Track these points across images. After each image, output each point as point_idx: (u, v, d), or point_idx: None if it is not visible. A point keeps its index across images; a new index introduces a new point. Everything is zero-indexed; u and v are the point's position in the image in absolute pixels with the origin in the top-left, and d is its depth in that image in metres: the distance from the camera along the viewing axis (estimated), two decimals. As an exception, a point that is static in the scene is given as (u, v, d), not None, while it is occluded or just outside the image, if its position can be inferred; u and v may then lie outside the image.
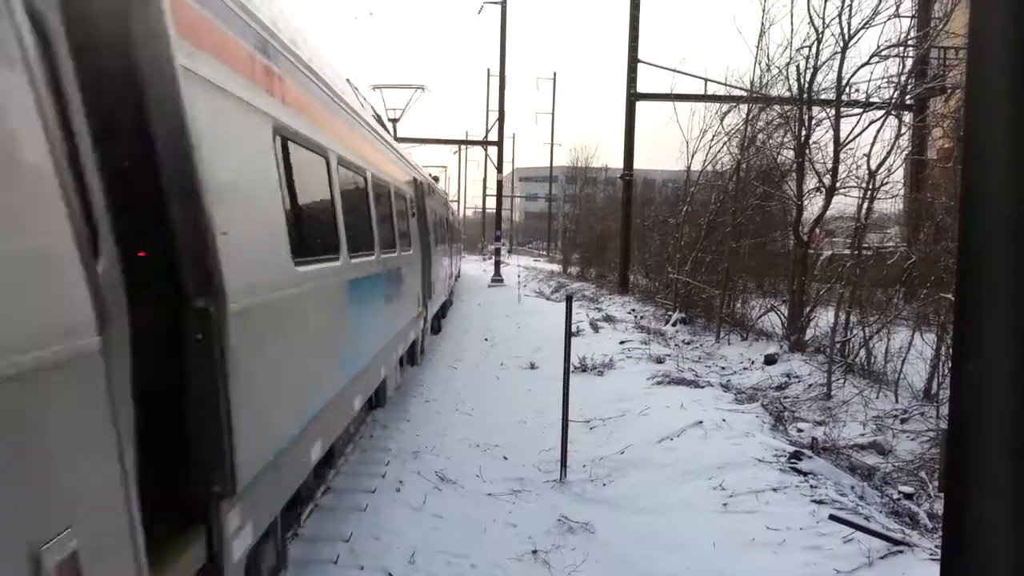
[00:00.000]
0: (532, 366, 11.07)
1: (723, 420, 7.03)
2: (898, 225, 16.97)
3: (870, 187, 12.17)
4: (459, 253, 29.28)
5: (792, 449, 6.18)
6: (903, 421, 8.02)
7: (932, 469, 6.12)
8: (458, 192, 66.63)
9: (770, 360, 11.13)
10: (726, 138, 16.32)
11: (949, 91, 15.50)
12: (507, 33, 29.97)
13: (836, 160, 12.40)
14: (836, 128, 12.44)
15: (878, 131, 12.20)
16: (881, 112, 12.39)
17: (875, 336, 10.47)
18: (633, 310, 18.32)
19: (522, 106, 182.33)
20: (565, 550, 4.74)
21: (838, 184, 12.48)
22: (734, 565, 4.45)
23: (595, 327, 14.53)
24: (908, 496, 5.54)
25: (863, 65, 12.76)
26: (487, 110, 38.77)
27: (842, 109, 12.65)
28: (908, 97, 15.13)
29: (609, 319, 15.90)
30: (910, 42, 13.83)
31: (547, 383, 8.93)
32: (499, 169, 32.12)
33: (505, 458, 6.66)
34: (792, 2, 21.04)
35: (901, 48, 13.51)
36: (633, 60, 21.35)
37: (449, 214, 21.70)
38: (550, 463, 6.34)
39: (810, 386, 9.58)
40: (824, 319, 12.21)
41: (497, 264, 31.71)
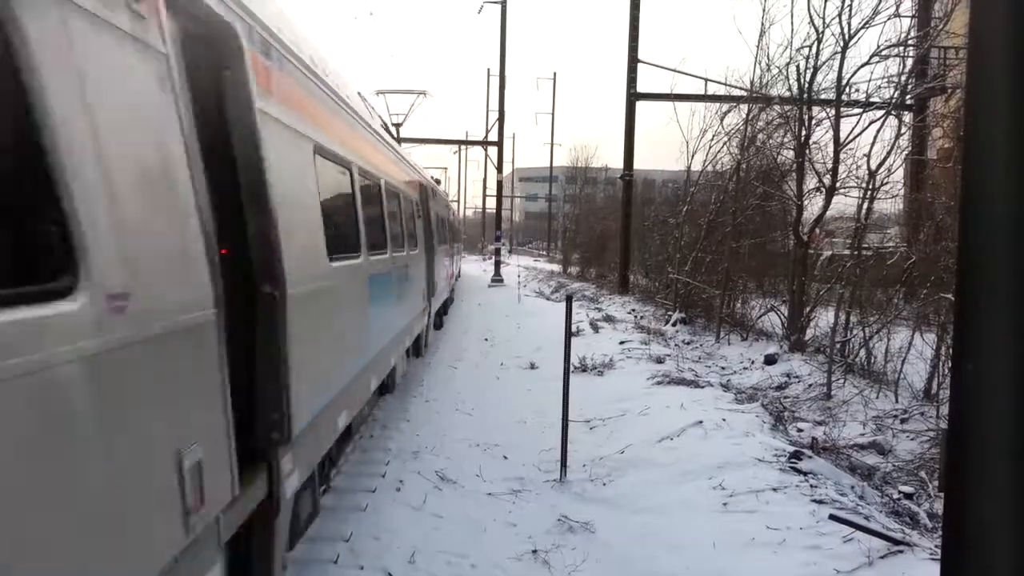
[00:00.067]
0: (532, 366, 11.07)
1: (723, 420, 7.03)
2: (898, 225, 16.97)
3: (870, 187, 12.17)
4: (459, 253, 29.35)
5: (792, 449, 6.18)
6: (903, 421, 8.02)
7: (932, 469, 6.12)
8: (458, 192, 66.73)
9: (770, 360, 11.13)
10: (726, 138, 16.32)
11: (949, 91, 15.50)
12: (507, 33, 30.00)
13: (836, 160, 12.40)
14: (836, 128, 12.44)
15: (878, 131, 12.22)
16: (881, 112, 12.39)
17: (875, 336, 10.47)
18: (633, 310, 18.33)
19: (522, 106, 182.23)
20: (565, 550, 4.75)
21: (838, 184, 12.48)
22: (734, 565, 4.45)
23: (595, 327, 14.54)
24: (908, 496, 5.54)
25: (863, 65, 12.76)
26: (487, 110, 38.79)
27: (842, 109, 12.65)
28: (908, 97, 15.13)
29: (609, 319, 15.90)
30: (910, 42, 13.83)
31: (547, 383, 8.93)
32: (499, 169, 32.14)
33: (505, 458, 6.66)
34: (792, 2, 21.09)
35: (901, 48, 13.51)
36: (633, 60, 21.35)
37: (450, 215, 22.53)
38: (550, 463, 6.34)
39: (810, 386, 9.58)
40: (824, 319, 12.21)
41: (497, 264, 31.71)
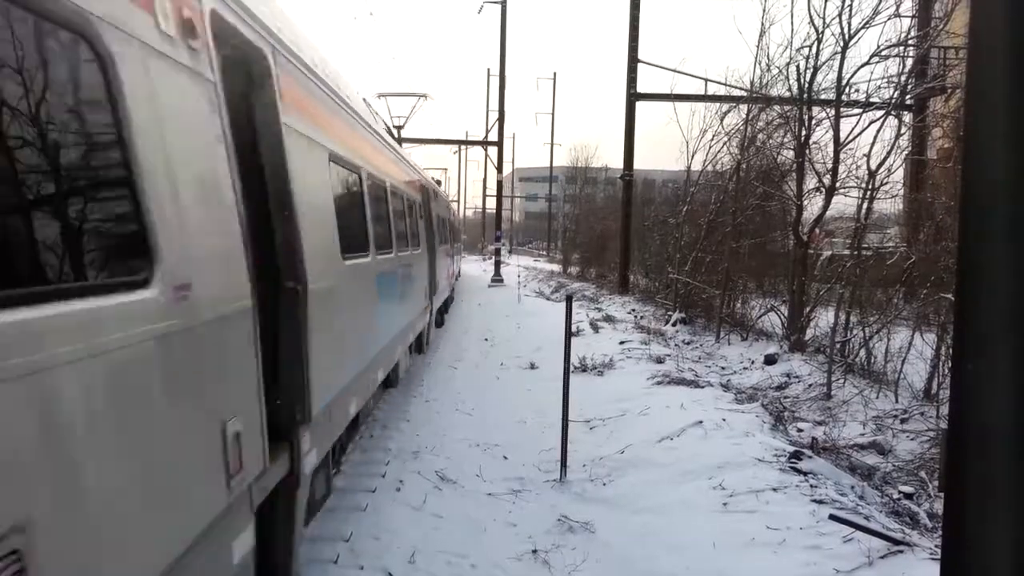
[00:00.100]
0: (532, 366, 11.07)
1: (723, 420, 7.03)
2: (898, 225, 16.97)
3: (870, 187, 12.16)
4: (459, 253, 29.39)
5: (792, 449, 6.18)
6: (903, 421, 8.02)
7: (932, 469, 6.12)
8: (458, 192, 66.72)
9: (770, 360, 11.13)
10: (726, 138, 16.31)
11: (949, 91, 15.50)
12: (507, 33, 30.00)
13: (836, 160, 12.40)
14: (836, 128, 12.44)
15: (878, 131, 12.21)
16: (881, 112, 12.38)
17: (875, 336, 10.47)
18: (633, 310, 18.32)
19: (522, 106, 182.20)
20: (565, 550, 4.75)
21: (838, 184, 12.48)
22: (734, 565, 4.45)
23: (595, 327, 14.53)
24: (908, 496, 5.54)
25: (863, 65, 12.76)
26: (487, 110, 38.79)
27: (842, 109, 12.64)
28: (908, 97, 15.12)
29: (609, 319, 15.90)
30: (910, 42, 13.83)
31: (547, 383, 8.93)
32: (499, 169, 32.14)
33: (505, 458, 6.66)
34: (792, 2, 21.05)
35: (901, 48, 13.50)
36: (633, 60, 21.35)
37: (450, 216, 23.00)
38: (550, 463, 6.34)
39: (810, 386, 9.58)
40: (824, 319, 12.20)
41: (497, 264, 31.71)
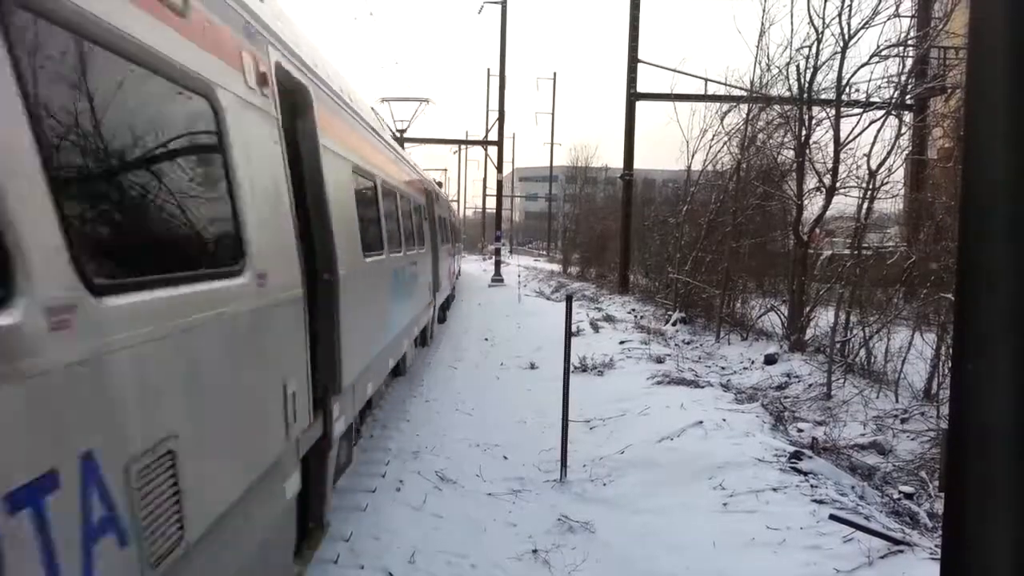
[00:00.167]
0: (532, 366, 11.07)
1: (723, 420, 7.02)
2: (898, 225, 16.97)
3: (870, 187, 12.16)
4: (459, 252, 29.43)
5: (792, 449, 6.18)
6: (903, 421, 8.02)
7: (932, 469, 6.12)
8: (458, 192, 66.74)
9: (770, 360, 11.13)
10: (726, 138, 16.31)
11: (949, 91, 15.49)
12: (507, 33, 30.00)
13: (836, 160, 12.40)
14: (836, 128, 12.43)
15: (878, 131, 12.20)
16: (881, 112, 12.37)
17: (875, 336, 10.46)
18: (633, 310, 18.32)
19: (522, 106, 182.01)
20: (565, 549, 4.75)
21: (838, 184, 12.47)
22: (734, 565, 4.45)
23: (595, 327, 14.53)
24: (908, 496, 5.54)
25: (863, 65, 12.75)
26: (487, 110, 38.79)
27: (842, 109, 12.63)
28: (908, 97, 15.12)
29: (609, 319, 15.90)
30: (910, 42, 13.82)
31: (547, 383, 8.93)
32: (499, 169, 32.13)
33: (505, 458, 6.66)
34: (792, 2, 21.07)
35: (901, 48, 13.50)
36: (633, 60, 21.35)
37: (451, 216, 23.70)
38: (550, 463, 6.34)
39: (810, 386, 9.58)
40: (824, 319, 12.20)
41: (497, 264, 31.72)
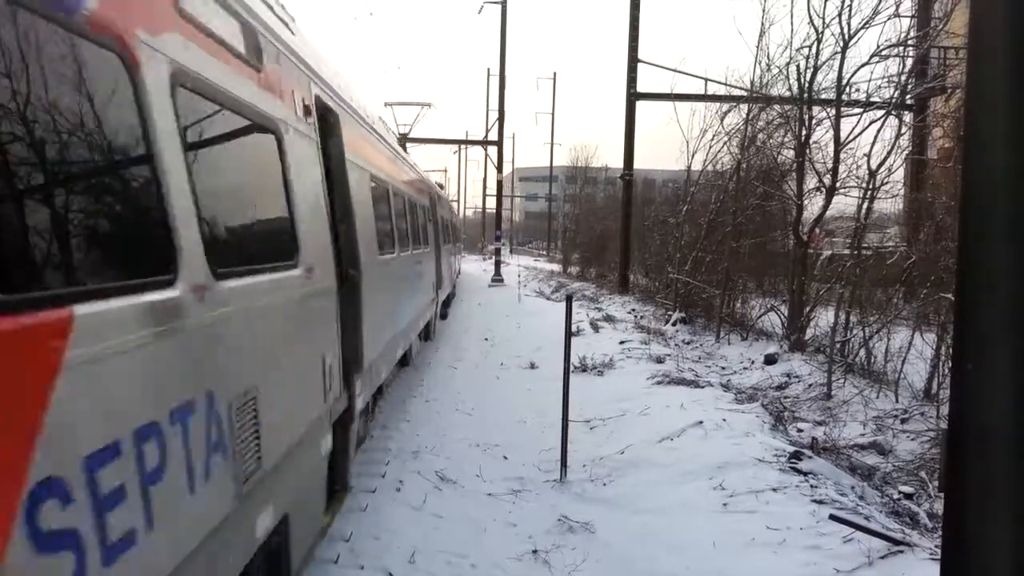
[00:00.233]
0: (532, 366, 11.07)
1: (723, 420, 7.03)
2: (898, 225, 16.96)
3: (870, 187, 12.16)
4: (460, 252, 29.49)
5: (792, 449, 6.18)
6: (903, 421, 8.02)
7: (932, 469, 6.12)
8: (458, 192, 66.80)
9: (770, 360, 11.13)
10: (726, 138, 16.32)
11: (949, 91, 15.49)
12: (507, 33, 30.00)
13: (836, 160, 12.40)
14: (836, 128, 12.43)
15: (878, 131, 12.21)
16: (881, 112, 12.38)
17: (875, 336, 10.47)
18: (633, 310, 18.32)
19: (522, 106, 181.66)
20: (565, 550, 4.75)
21: (838, 184, 12.47)
22: (734, 565, 4.45)
23: (595, 327, 14.53)
24: (908, 496, 5.54)
25: (863, 65, 12.75)
26: (487, 110, 38.75)
27: (842, 109, 12.64)
28: (908, 97, 15.12)
29: (609, 319, 15.90)
30: (910, 42, 13.82)
31: (547, 383, 8.93)
32: (499, 169, 32.12)
33: (505, 458, 6.66)
34: (792, 2, 21.00)
35: (901, 48, 13.50)
36: (633, 60, 21.35)
37: (452, 217, 24.51)
38: (550, 463, 6.34)
39: (810, 386, 9.58)
40: (824, 319, 12.20)
41: (497, 264, 31.71)
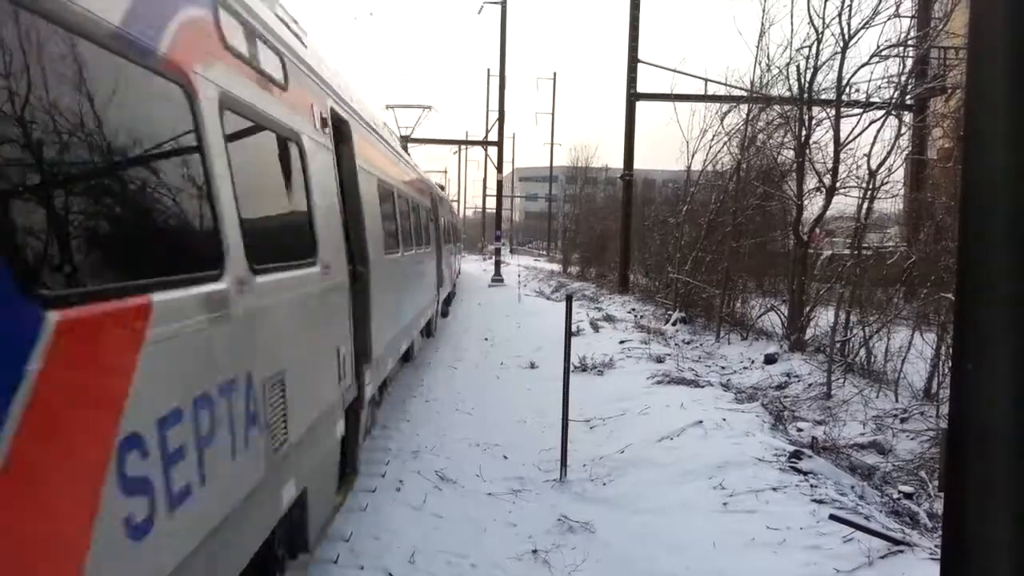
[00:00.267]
0: (532, 365, 11.07)
1: (723, 419, 7.03)
2: (898, 225, 16.96)
3: (870, 187, 12.15)
4: (460, 252, 29.52)
5: (792, 448, 6.18)
6: (903, 420, 8.02)
7: (932, 469, 6.12)
8: (458, 193, 66.81)
9: (770, 359, 11.13)
10: (726, 138, 16.30)
11: (949, 91, 15.50)
12: (507, 33, 29.99)
13: (836, 160, 12.39)
14: (836, 128, 12.42)
15: (878, 131, 12.19)
16: (881, 112, 12.36)
17: (875, 336, 10.46)
18: (633, 309, 18.32)
19: (522, 106, 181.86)
20: (565, 549, 4.75)
21: (838, 184, 12.46)
22: (734, 565, 4.45)
23: (595, 327, 14.53)
24: (908, 496, 5.54)
25: (863, 65, 12.74)
26: (487, 110, 38.77)
27: (842, 109, 12.63)
28: (908, 97, 15.12)
29: (609, 319, 15.90)
30: (910, 42, 13.82)
31: (547, 382, 8.93)
32: (499, 169, 32.12)
33: (505, 457, 6.66)
34: (792, 2, 21.02)
35: (901, 48, 13.49)
36: (633, 60, 21.34)
37: (453, 218, 24.90)
38: (550, 462, 6.34)
39: (810, 385, 9.58)
40: (824, 319, 12.20)
41: (497, 264, 31.71)
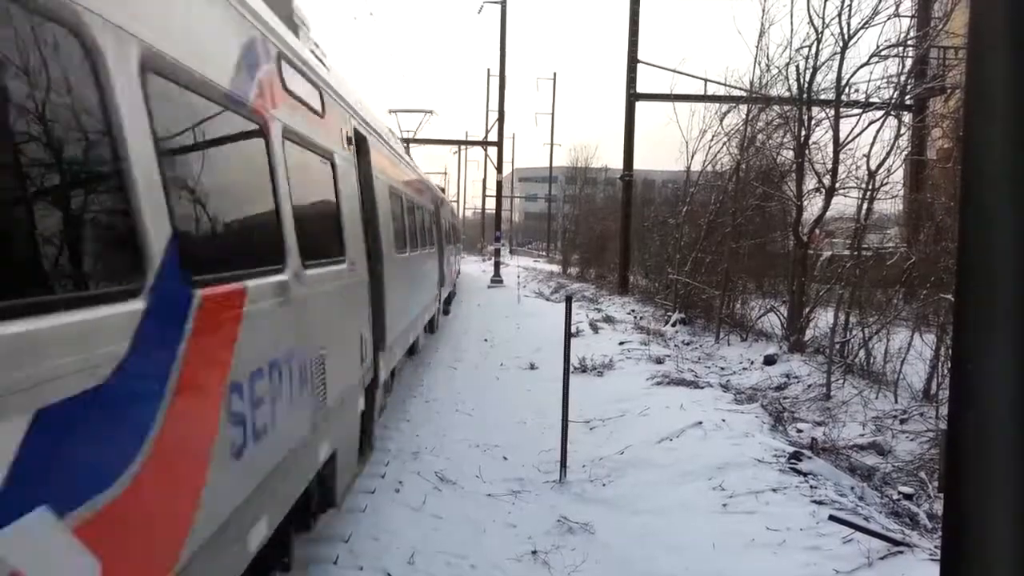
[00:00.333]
0: (532, 366, 11.07)
1: (723, 420, 7.02)
2: (898, 226, 16.97)
3: (870, 187, 12.17)
4: (459, 252, 29.57)
5: (792, 449, 6.18)
6: (902, 421, 8.02)
7: (932, 469, 6.12)
8: (458, 193, 66.78)
9: (770, 361, 11.13)
10: (726, 138, 16.33)
11: (949, 91, 15.50)
12: (507, 33, 30.01)
13: (836, 160, 12.40)
14: (836, 128, 12.44)
15: (878, 131, 12.23)
16: (881, 112, 12.39)
17: (874, 337, 10.47)
18: (633, 311, 18.32)
19: (522, 106, 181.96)
20: (565, 550, 4.74)
21: (838, 184, 12.48)
22: (734, 565, 4.45)
23: (595, 328, 14.53)
24: (908, 496, 5.54)
25: (863, 65, 12.77)
26: (487, 110, 38.73)
27: (842, 109, 12.65)
28: (908, 97, 15.13)
29: (609, 320, 15.90)
30: (910, 42, 13.83)
31: (547, 383, 8.93)
32: (499, 169, 32.14)
33: (505, 458, 6.66)
34: (792, 2, 21.03)
35: (901, 48, 13.51)
36: (633, 60, 21.35)
37: (453, 219, 25.54)
38: (550, 463, 6.34)
39: (809, 386, 9.58)
40: (824, 320, 12.20)
41: (497, 265, 31.71)
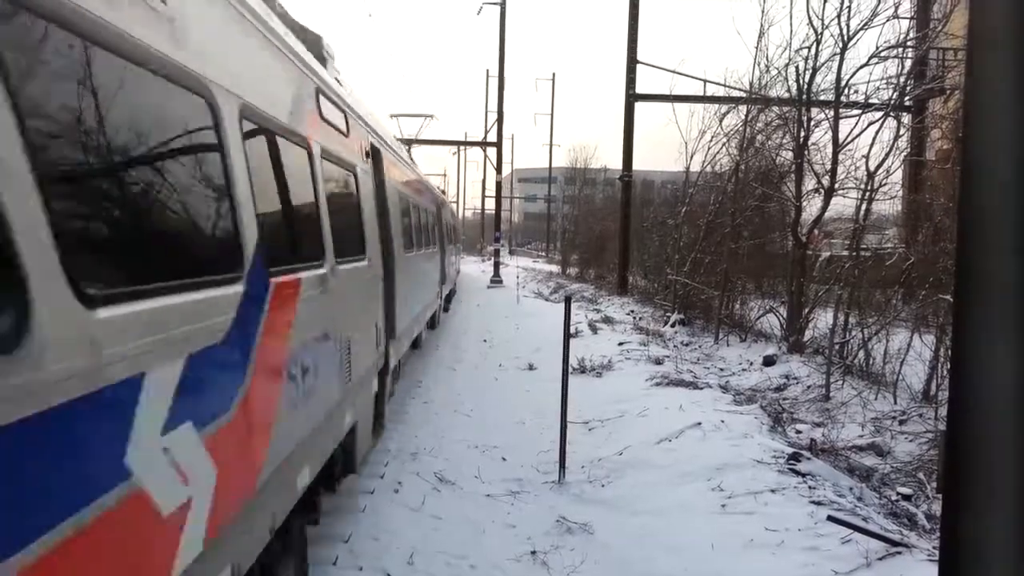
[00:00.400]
0: (531, 367, 11.07)
1: (722, 421, 7.03)
2: (896, 226, 16.98)
3: (869, 188, 12.18)
4: (459, 252, 29.62)
5: (791, 450, 6.18)
6: (901, 422, 8.02)
7: (930, 470, 6.12)
8: (457, 194, 66.72)
9: (769, 361, 11.13)
10: (725, 139, 16.33)
11: (948, 92, 15.52)
12: (506, 34, 30.02)
13: (835, 161, 12.41)
14: (835, 129, 12.45)
15: (877, 132, 12.23)
16: (880, 113, 12.40)
17: (874, 337, 10.47)
18: (632, 311, 18.32)
19: (521, 107, 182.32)
20: (564, 551, 4.75)
21: (837, 185, 12.49)
22: (732, 566, 4.45)
23: (594, 328, 14.53)
24: (906, 497, 5.54)
25: (862, 66, 12.80)
26: (486, 111, 38.82)
27: (841, 110, 12.66)
28: (907, 98, 15.13)
29: (608, 320, 15.91)
30: (909, 43, 13.84)
31: (546, 384, 8.93)
32: (498, 170, 32.13)
33: (504, 459, 6.66)
34: (791, 3, 21.03)
35: (900, 49, 13.52)
36: (632, 61, 21.36)
37: (453, 220, 26.22)
38: (549, 464, 6.34)
39: (809, 387, 9.58)
40: (823, 320, 12.20)
41: (496, 265, 31.71)
